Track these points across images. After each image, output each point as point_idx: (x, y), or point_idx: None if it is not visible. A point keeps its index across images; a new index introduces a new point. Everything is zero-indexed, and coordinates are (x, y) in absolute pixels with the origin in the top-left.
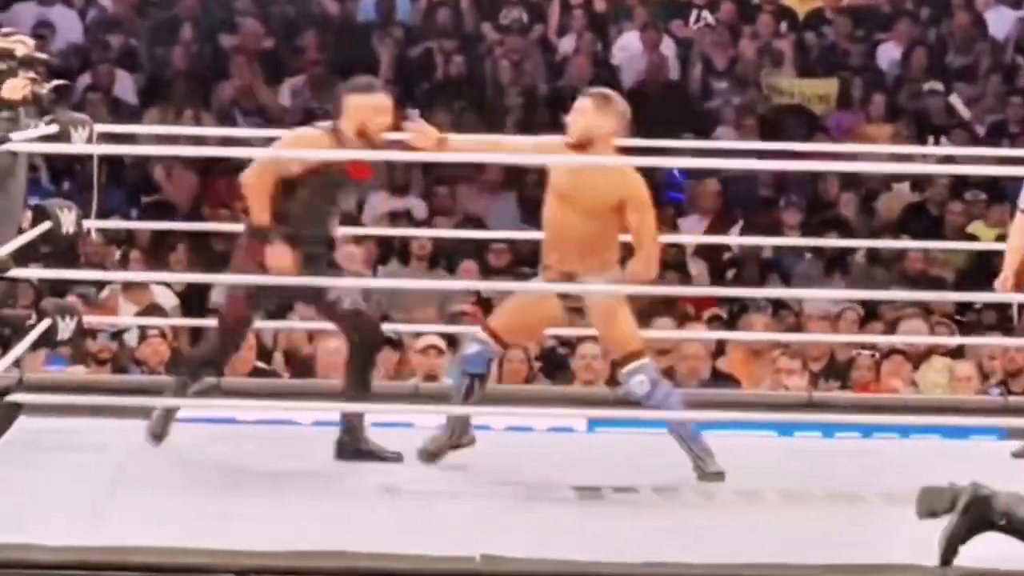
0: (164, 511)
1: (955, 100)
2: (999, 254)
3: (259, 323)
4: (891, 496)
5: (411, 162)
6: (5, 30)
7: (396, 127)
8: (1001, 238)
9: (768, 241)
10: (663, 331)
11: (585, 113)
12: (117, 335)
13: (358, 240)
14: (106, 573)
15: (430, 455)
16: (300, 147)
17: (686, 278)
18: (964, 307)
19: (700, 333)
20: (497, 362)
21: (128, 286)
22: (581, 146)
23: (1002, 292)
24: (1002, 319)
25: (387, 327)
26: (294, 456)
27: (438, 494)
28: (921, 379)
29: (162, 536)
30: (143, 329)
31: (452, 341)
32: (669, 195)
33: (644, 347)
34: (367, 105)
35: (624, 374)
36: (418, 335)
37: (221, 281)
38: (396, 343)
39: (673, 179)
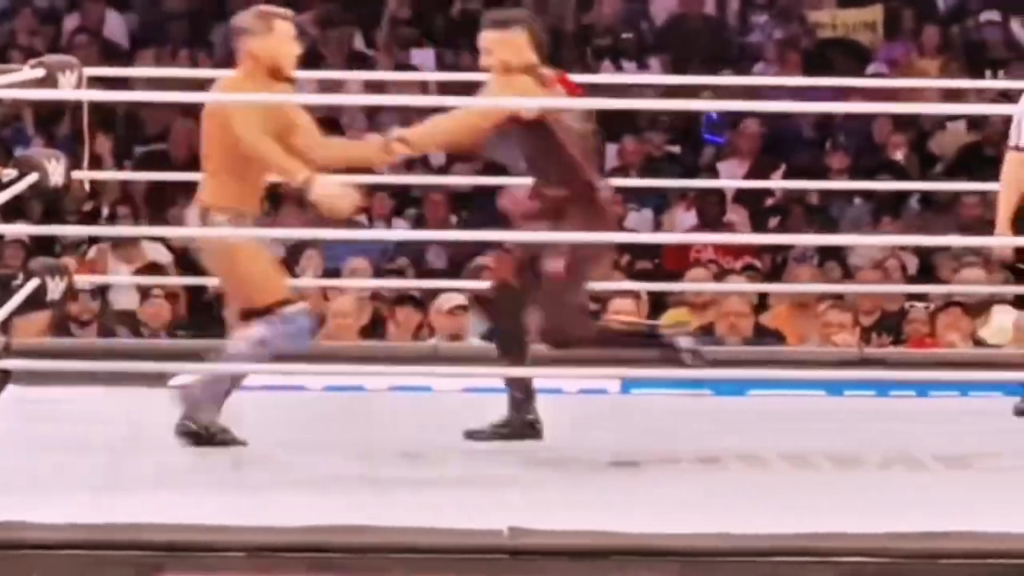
0: (174, 485)
1: (1018, 29)
2: None
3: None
4: (952, 458)
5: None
6: None
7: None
8: None
9: (813, 185)
10: (700, 284)
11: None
12: (98, 294)
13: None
14: (116, 552)
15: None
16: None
17: (725, 227)
18: None
19: (740, 286)
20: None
21: (119, 243)
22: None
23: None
24: None
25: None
26: (311, 424)
27: (463, 462)
28: (987, 332)
29: (172, 513)
30: (144, 289)
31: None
32: (706, 137)
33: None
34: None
35: None
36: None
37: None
38: (418, 302)
39: (710, 120)
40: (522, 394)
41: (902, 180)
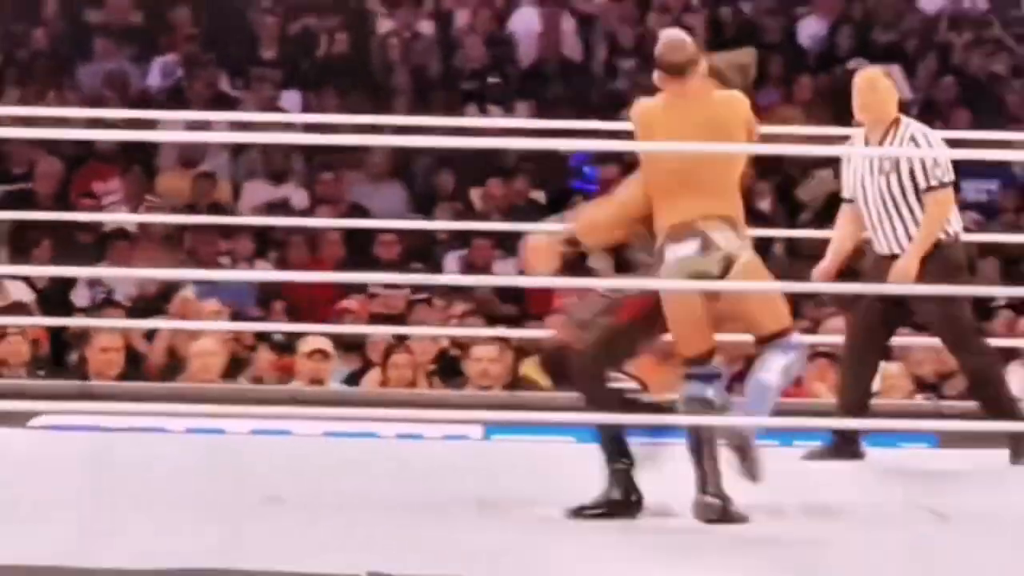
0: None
1: (897, 75)
2: None
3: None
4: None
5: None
6: None
7: None
8: None
9: None
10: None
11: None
12: None
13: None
14: None
15: None
16: None
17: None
18: None
19: None
20: (381, 365)
21: None
22: None
23: (821, 280)
24: None
25: (271, 327)
26: (171, 468)
27: (324, 506)
28: None
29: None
30: (2, 329)
31: (338, 343)
32: (575, 185)
33: None
34: None
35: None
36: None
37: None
38: (282, 346)
39: (581, 166)
40: None
41: (767, 227)
